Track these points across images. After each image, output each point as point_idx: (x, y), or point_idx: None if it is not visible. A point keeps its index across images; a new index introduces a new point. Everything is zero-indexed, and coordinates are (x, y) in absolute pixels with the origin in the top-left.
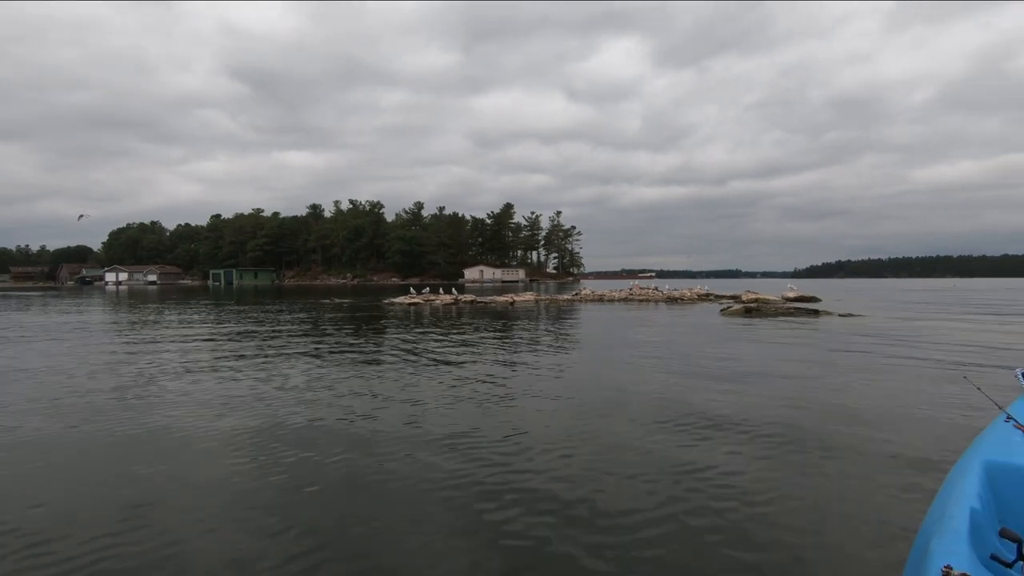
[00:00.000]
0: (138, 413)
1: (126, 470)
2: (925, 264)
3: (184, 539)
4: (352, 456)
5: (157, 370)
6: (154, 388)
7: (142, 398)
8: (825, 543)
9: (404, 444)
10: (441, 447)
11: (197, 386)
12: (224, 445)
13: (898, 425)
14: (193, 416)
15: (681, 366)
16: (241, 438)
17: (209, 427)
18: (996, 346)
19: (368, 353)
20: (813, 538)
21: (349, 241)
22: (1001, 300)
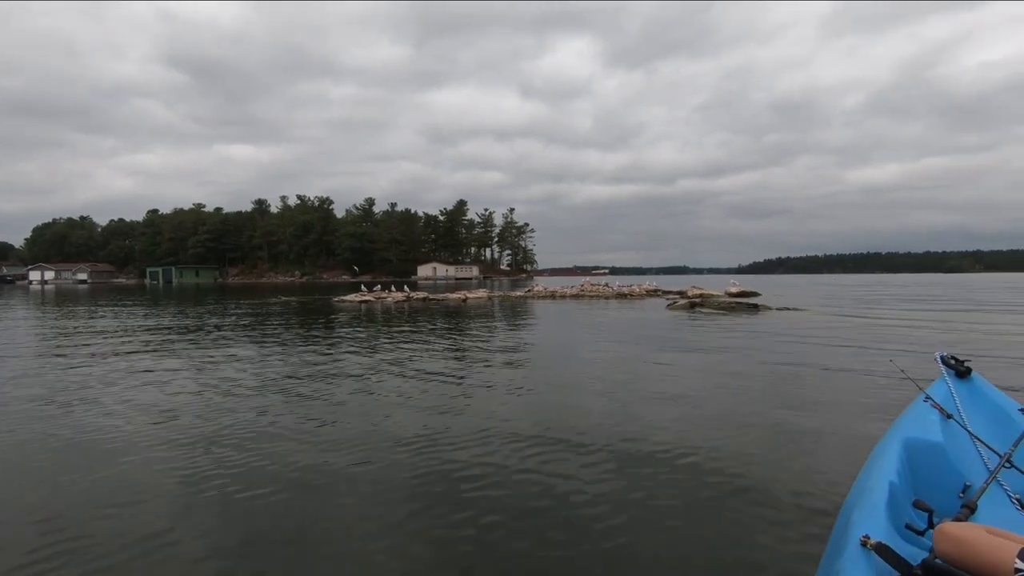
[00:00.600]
0: (67, 422)
1: (52, 481)
2: (857, 261)
3: (117, 552)
4: (303, 460)
5: (88, 375)
6: (85, 394)
7: (68, 406)
8: (754, 517)
9: (358, 446)
10: (397, 448)
11: (134, 391)
12: (164, 452)
13: (829, 407)
14: (129, 424)
15: (632, 359)
16: (183, 445)
17: (148, 434)
18: (918, 334)
19: (318, 353)
20: (742, 513)
21: (297, 238)
22: (924, 294)
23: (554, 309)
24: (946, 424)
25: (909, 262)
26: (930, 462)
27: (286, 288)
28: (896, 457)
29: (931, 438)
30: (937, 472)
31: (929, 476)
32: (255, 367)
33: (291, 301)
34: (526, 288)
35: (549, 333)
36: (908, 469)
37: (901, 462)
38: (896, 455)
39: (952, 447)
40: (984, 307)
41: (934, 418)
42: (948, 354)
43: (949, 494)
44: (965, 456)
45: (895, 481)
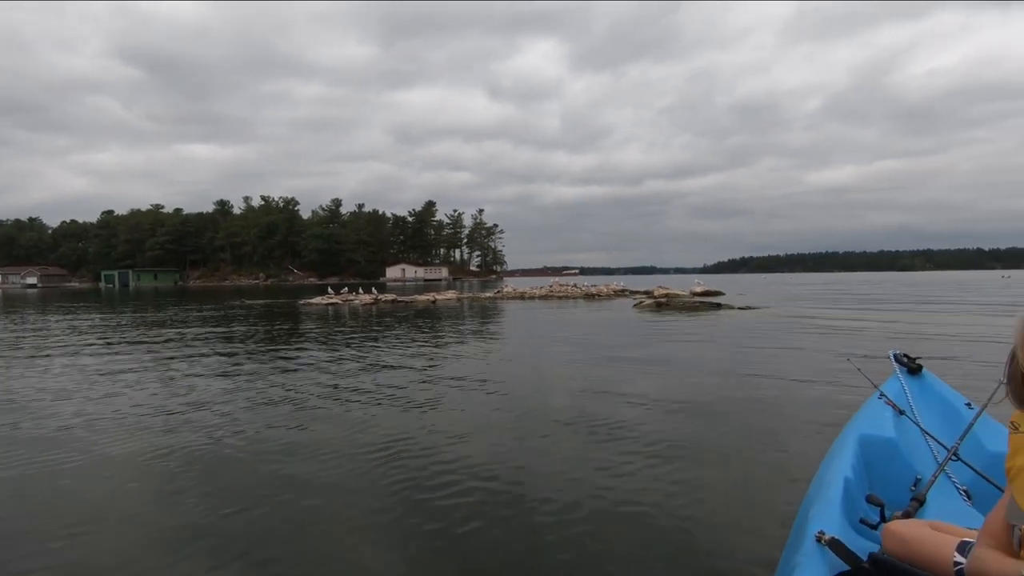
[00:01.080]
0: (18, 439)
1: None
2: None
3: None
4: (271, 467)
5: (40, 387)
6: (37, 407)
7: (15, 425)
8: (717, 514)
9: (325, 452)
10: (365, 453)
11: (90, 404)
12: (126, 468)
13: (789, 405)
14: (85, 439)
15: (597, 360)
16: (145, 460)
17: (107, 451)
18: (873, 331)
19: (284, 358)
20: (706, 507)
21: (261, 239)
22: (877, 292)
23: (523, 310)
24: (899, 420)
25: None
26: (884, 457)
27: (250, 291)
28: (852, 453)
29: (884, 434)
30: (890, 466)
31: (883, 470)
32: (218, 374)
33: (255, 305)
34: (495, 289)
35: (518, 335)
36: (863, 464)
37: (856, 457)
38: (852, 451)
39: (904, 442)
40: (932, 304)
41: (887, 414)
42: (901, 352)
43: (902, 487)
44: (916, 450)
45: (850, 476)
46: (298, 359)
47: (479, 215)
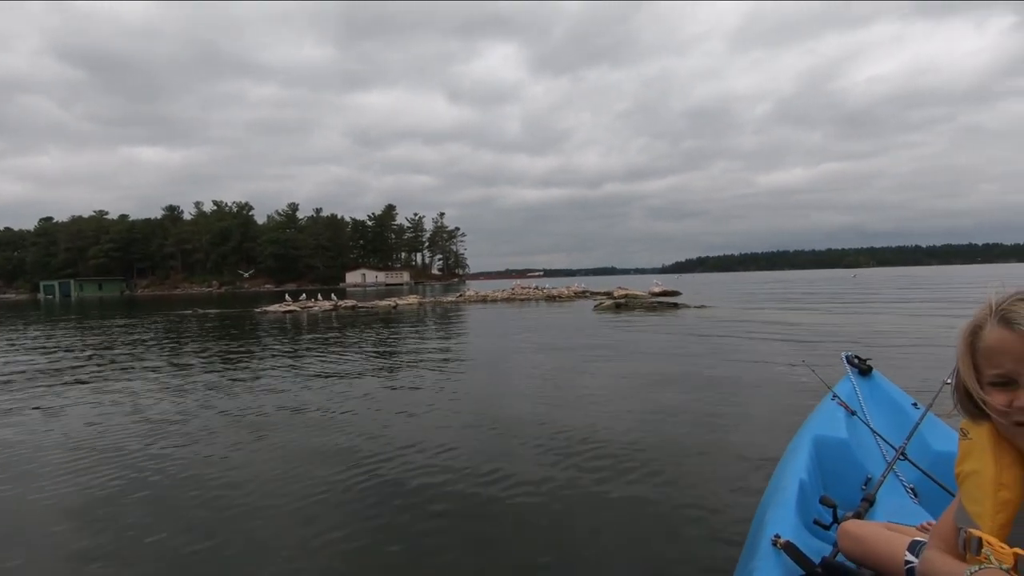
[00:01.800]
0: None
1: None
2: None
3: None
4: (229, 478)
5: None
6: None
7: None
8: (674, 518)
9: (284, 462)
10: (325, 462)
11: (22, 428)
12: (68, 496)
13: (746, 404)
14: (32, 463)
15: (557, 362)
16: (91, 491)
17: (46, 483)
18: (826, 330)
19: (240, 369)
20: (663, 510)
21: (214, 245)
22: (826, 290)
23: (486, 313)
24: (850, 420)
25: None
26: (837, 458)
27: (203, 299)
28: (806, 454)
29: (837, 435)
30: (843, 467)
31: (836, 471)
32: (169, 389)
33: (208, 314)
34: (458, 293)
35: (480, 336)
36: (817, 466)
37: (811, 459)
38: (806, 452)
39: (856, 442)
40: (877, 302)
41: (840, 415)
42: (852, 353)
43: (854, 487)
44: (867, 450)
45: (804, 478)
46: (254, 370)
47: (440, 218)
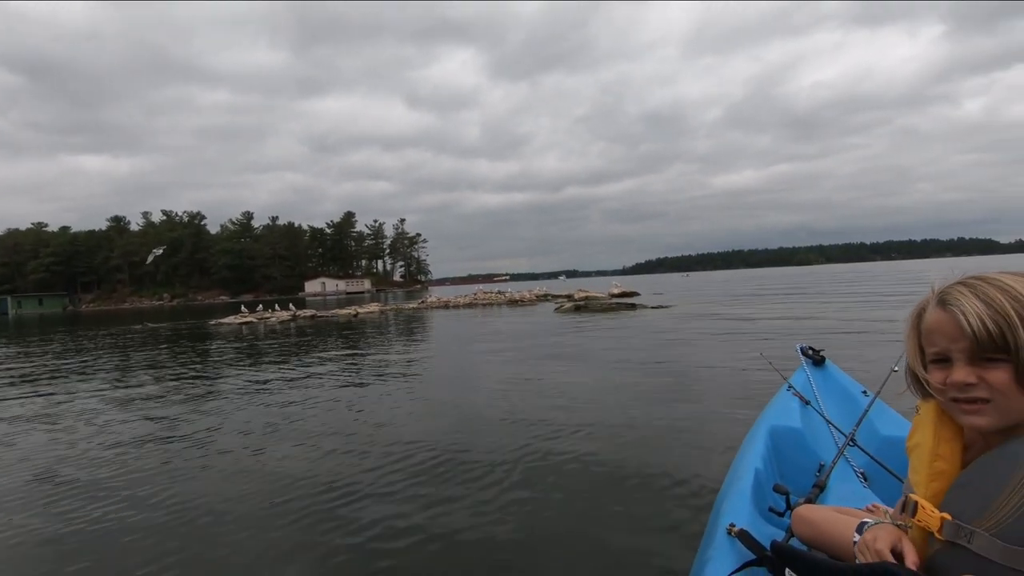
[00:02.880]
0: None
1: None
2: (725, 258)
3: None
4: (180, 497)
5: None
6: None
7: None
8: (635, 511)
9: (239, 479)
10: (282, 481)
11: None
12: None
13: (704, 399)
14: None
15: (518, 363)
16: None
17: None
18: (779, 324)
19: (192, 384)
20: (625, 503)
21: (164, 257)
22: (779, 286)
23: (448, 318)
24: (804, 410)
25: (767, 257)
26: (791, 446)
27: (153, 313)
28: (762, 444)
29: (792, 424)
30: (797, 455)
31: (791, 459)
32: (117, 406)
33: (160, 328)
34: (420, 299)
35: (442, 341)
36: (773, 455)
37: (767, 448)
38: (762, 442)
39: (809, 431)
40: (827, 296)
41: (795, 405)
42: (807, 345)
43: (807, 474)
44: (820, 438)
45: (760, 467)
46: (209, 385)
47: (401, 225)
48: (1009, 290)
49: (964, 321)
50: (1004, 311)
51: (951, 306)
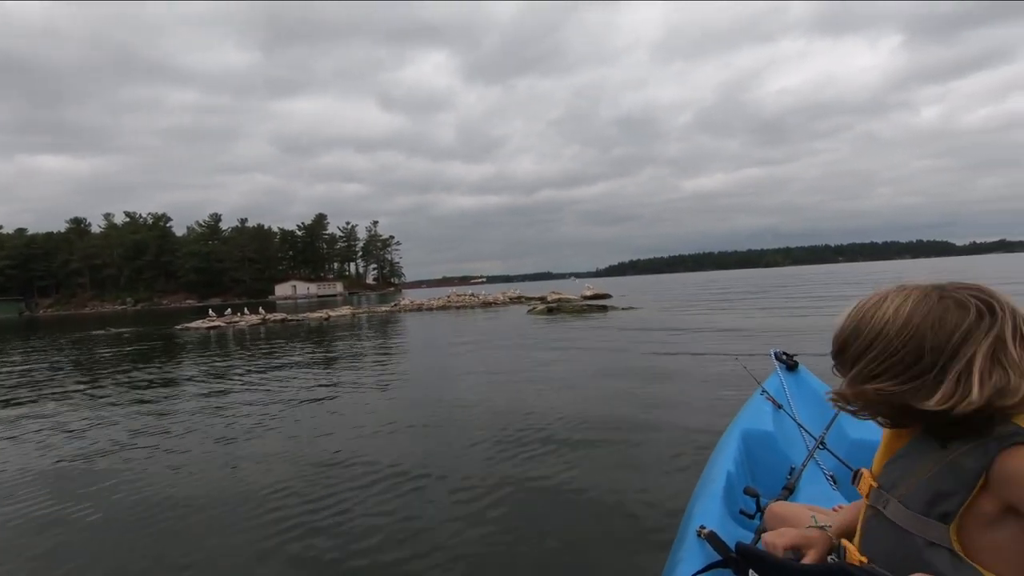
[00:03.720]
0: None
1: None
2: (695, 260)
3: None
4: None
5: None
6: None
7: None
8: (609, 515)
9: (213, 485)
10: (251, 489)
11: None
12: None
13: (677, 402)
14: None
15: (490, 366)
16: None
17: None
18: (750, 329)
19: (159, 390)
20: (598, 507)
21: (128, 260)
22: (747, 287)
23: (421, 321)
24: (777, 414)
25: (736, 259)
26: (763, 449)
27: (116, 318)
28: (735, 448)
29: (764, 428)
30: (769, 458)
31: (762, 463)
32: (81, 414)
33: (123, 333)
34: (393, 302)
35: (415, 345)
36: (745, 458)
37: (739, 452)
38: (735, 446)
39: (781, 435)
40: (793, 300)
41: (767, 409)
42: (780, 350)
43: (779, 477)
44: (792, 442)
45: (732, 470)
46: (174, 391)
47: (374, 227)
48: (871, 310)
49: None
50: (850, 326)
51: None
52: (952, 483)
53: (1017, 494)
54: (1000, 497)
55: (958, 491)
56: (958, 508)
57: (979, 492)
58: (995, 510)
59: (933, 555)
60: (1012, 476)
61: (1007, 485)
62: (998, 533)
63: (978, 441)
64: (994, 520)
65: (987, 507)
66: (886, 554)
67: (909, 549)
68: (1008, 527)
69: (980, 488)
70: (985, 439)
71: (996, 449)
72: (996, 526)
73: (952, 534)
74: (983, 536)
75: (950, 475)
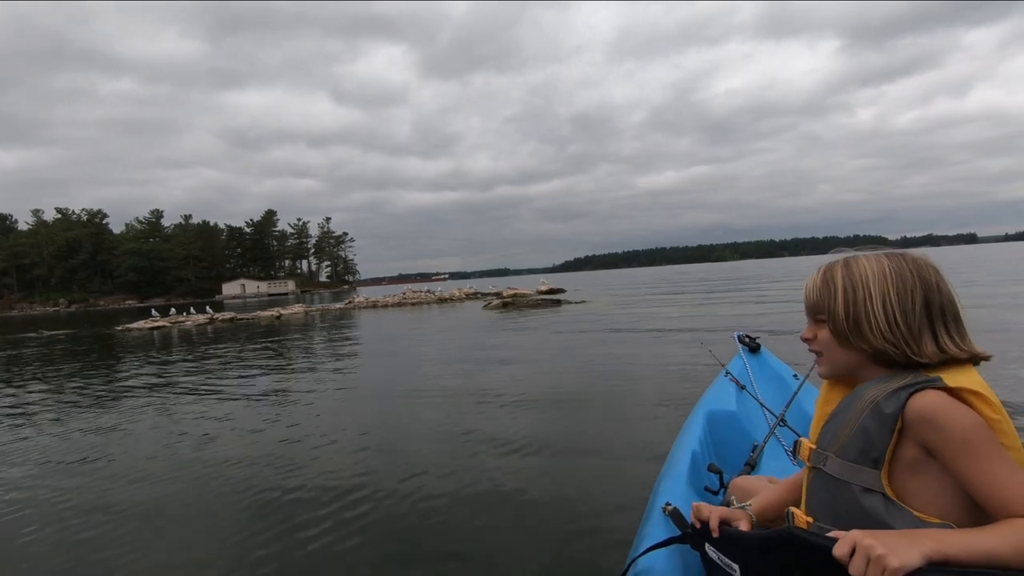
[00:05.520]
0: None
1: None
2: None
3: None
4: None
5: None
6: None
7: None
8: (581, 498)
9: (163, 488)
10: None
11: None
12: None
13: (640, 389)
14: None
15: (448, 360)
16: None
17: None
18: (699, 317)
19: (99, 395)
20: (570, 491)
21: (60, 259)
22: (698, 279)
23: (376, 318)
24: (740, 394)
25: (687, 254)
26: (727, 429)
27: (48, 320)
28: (699, 427)
29: (728, 408)
30: (733, 437)
31: (726, 441)
32: (11, 419)
33: (57, 336)
34: (347, 300)
35: (369, 343)
36: (709, 437)
37: (703, 431)
38: (699, 426)
39: (744, 414)
40: (745, 289)
41: (731, 390)
42: (743, 333)
43: (742, 455)
44: (754, 420)
45: (697, 450)
46: (119, 394)
47: (326, 223)
48: (854, 268)
49: (806, 290)
50: (833, 284)
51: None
52: (876, 427)
53: (926, 434)
54: (916, 440)
55: (882, 435)
56: (884, 452)
57: (900, 438)
58: (917, 454)
59: (868, 500)
60: (919, 417)
61: (918, 426)
62: (924, 478)
63: (896, 389)
64: (918, 465)
65: (909, 452)
66: (827, 507)
67: (847, 498)
68: (932, 471)
69: (899, 433)
70: (900, 387)
71: (907, 394)
72: (921, 471)
73: (883, 479)
74: (910, 481)
75: (873, 420)
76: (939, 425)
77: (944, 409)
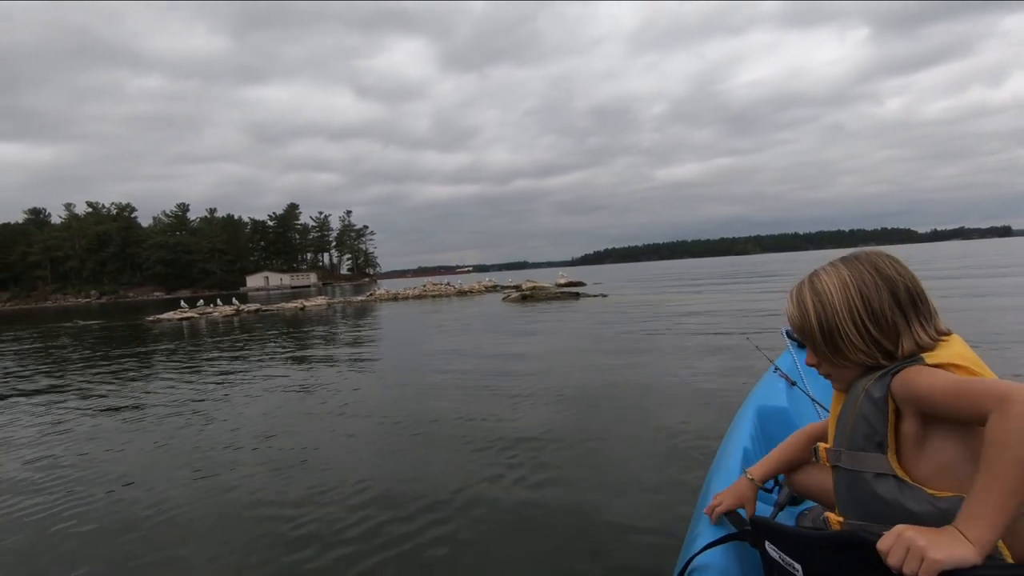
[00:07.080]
0: None
1: None
2: (669, 248)
3: None
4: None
5: None
6: None
7: None
8: (625, 497)
9: (200, 486)
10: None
11: None
12: None
13: (671, 386)
14: None
15: (469, 351)
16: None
17: None
18: (749, 311)
19: (135, 379)
20: (614, 491)
21: (91, 252)
22: (722, 272)
23: (397, 310)
24: (791, 391)
25: (709, 248)
26: (778, 426)
27: (81, 311)
28: (750, 424)
29: (779, 404)
30: (784, 433)
31: (778, 438)
32: (54, 409)
33: (91, 325)
34: (368, 292)
35: (391, 333)
36: (760, 434)
37: (754, 428)
38: (750, 423)
39: (796, 411)
40: (768, 282)
41: (781, 386)
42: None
43: None
44: (807, 417)
45: (748, 447)
46: (154, 378)
47: (347, 217)
48: (818, 286)
49: (787, 318)
50: (805, 308)
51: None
52: (872, 412)
53: (916, 400)
54: (910, 413)
55: (879, 418)
56: (886, 434)
57: (896, 417)
58: (916, 427)
59: (881, 486)
60: (903, 385)
61: (907, 399)
62: (932, 453)
63: (881, 375)
64: (921, 439)
65: (909, 427)
66: (851, 502)
67: (864, 487)
68: (936, 442)
69: (895, 413)
70: (885, 371)
71: (890, 376)
72: (926, 446)
73: (892, 461)
74: (920, 460)
75: (869, 406)
76: (922, 383)
77: (926, 371)
